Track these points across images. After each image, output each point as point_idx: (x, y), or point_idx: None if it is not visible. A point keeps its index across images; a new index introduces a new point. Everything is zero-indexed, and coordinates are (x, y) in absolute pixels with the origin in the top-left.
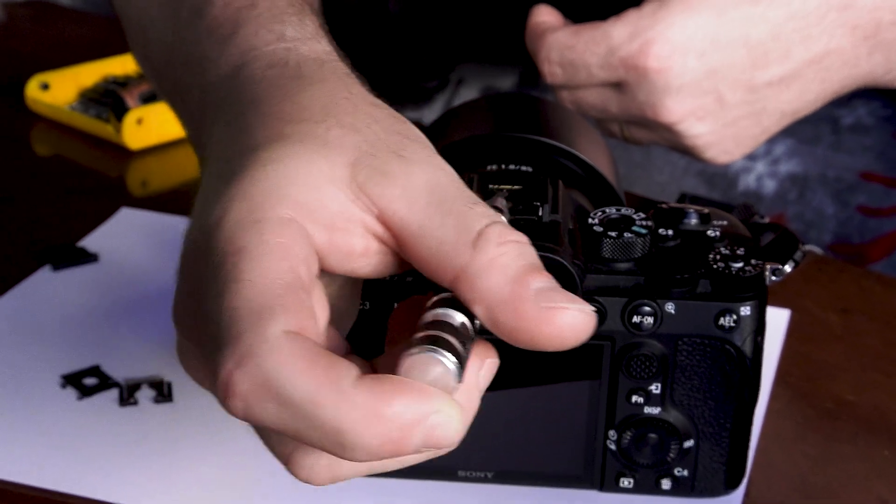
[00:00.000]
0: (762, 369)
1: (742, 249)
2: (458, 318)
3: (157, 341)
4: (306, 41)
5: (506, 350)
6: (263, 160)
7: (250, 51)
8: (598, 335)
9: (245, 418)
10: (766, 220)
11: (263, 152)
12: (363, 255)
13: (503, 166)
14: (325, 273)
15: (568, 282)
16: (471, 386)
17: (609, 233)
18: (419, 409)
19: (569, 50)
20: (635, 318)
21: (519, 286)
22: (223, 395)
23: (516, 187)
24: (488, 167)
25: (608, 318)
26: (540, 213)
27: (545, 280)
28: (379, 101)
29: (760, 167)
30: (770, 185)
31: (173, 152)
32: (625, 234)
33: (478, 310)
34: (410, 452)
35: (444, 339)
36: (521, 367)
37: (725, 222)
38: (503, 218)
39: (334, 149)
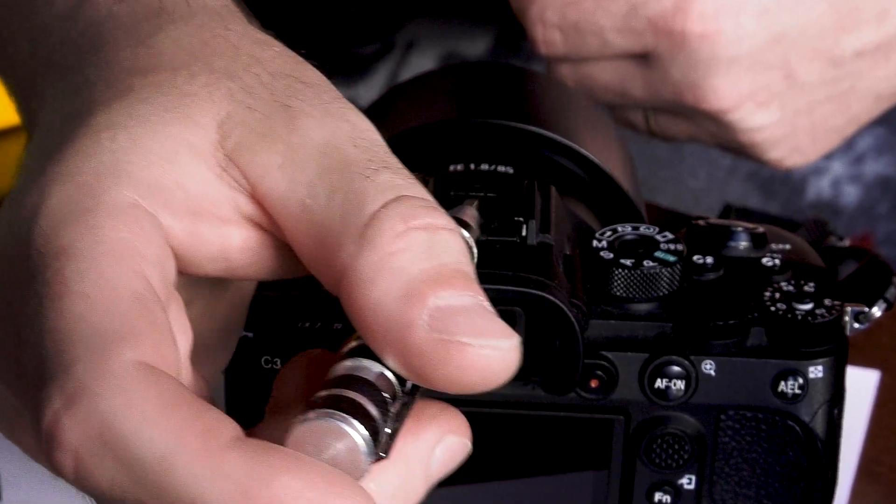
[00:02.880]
0: (840, 455)
1: (812, 285)
2: (375, 368)
3: None
4: None
5: (479, 429)
6: (97, 126)
7: None
8: (606, 407)
9: (76, 481)
10: (846, 242)
11: (100, 116)
12: (243, 252)
13: (472, 166)
14: (186, 280)
15: (563, 330)
16: (410, 469)
17: (623, 261)
18: (312, 495)
19: (573, 7)
20: (659, 383)
21: (410, 304)
22: (47, 448)
23: (490, 195)
24: (451, 167)
25: (621, 381)
26: (523, 233)
27: (455, 294)
28: (270, 39)
29: (837, 168)
30: (851, 194)
31: None
32: (645, 263)
33: (364, 335)
34: None
35: (351, 399)
36: (501, 454)
37: (788, 246)
38: (422, 192)
39: (197, 104)
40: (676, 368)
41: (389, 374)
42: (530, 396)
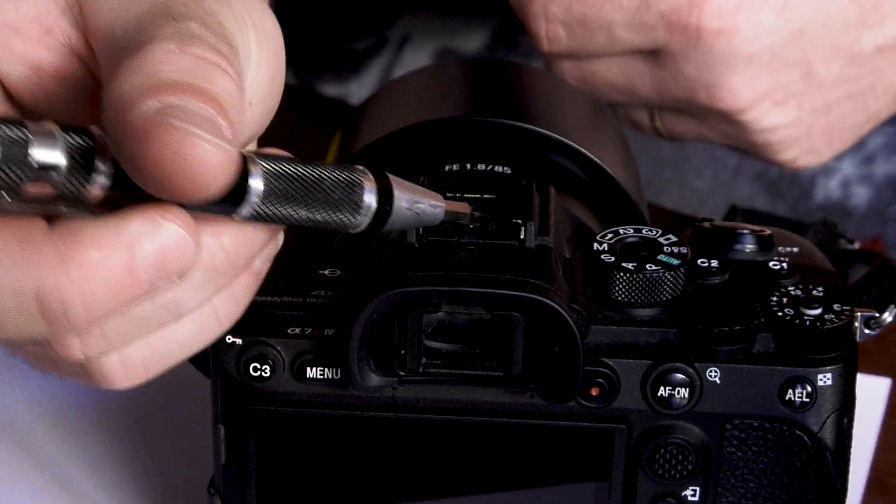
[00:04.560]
0: (850, 466)
1: (820, 289)
2: (59, 149)
3: None
4: None
5: (476, 439)
6: None
7: None
8: (607, 416)
9: None
10: (856, 245)
11: None
12: (57, 81)
13: (468, 166)
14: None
15: (562, 336)
16: (106, 250)
17: (624, 264)
18: None
19: (579, 1)
20: (662, 391)
21: (143, 95)
22: None
23: (487, 196)
24: (446, 167)
25: (622, 389)
26: (521, 235)
27: (201, 105)
28: None
29: (847, 168)
30: (861, 195)
31: None
32: (647, 267)
33: (104, 125)
34: None
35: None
36: (499, 464)
37: (796, 249)
38: (227, 51)
39: None
40: (680, 376)
41: (62, 164)
42: (529, 405)
